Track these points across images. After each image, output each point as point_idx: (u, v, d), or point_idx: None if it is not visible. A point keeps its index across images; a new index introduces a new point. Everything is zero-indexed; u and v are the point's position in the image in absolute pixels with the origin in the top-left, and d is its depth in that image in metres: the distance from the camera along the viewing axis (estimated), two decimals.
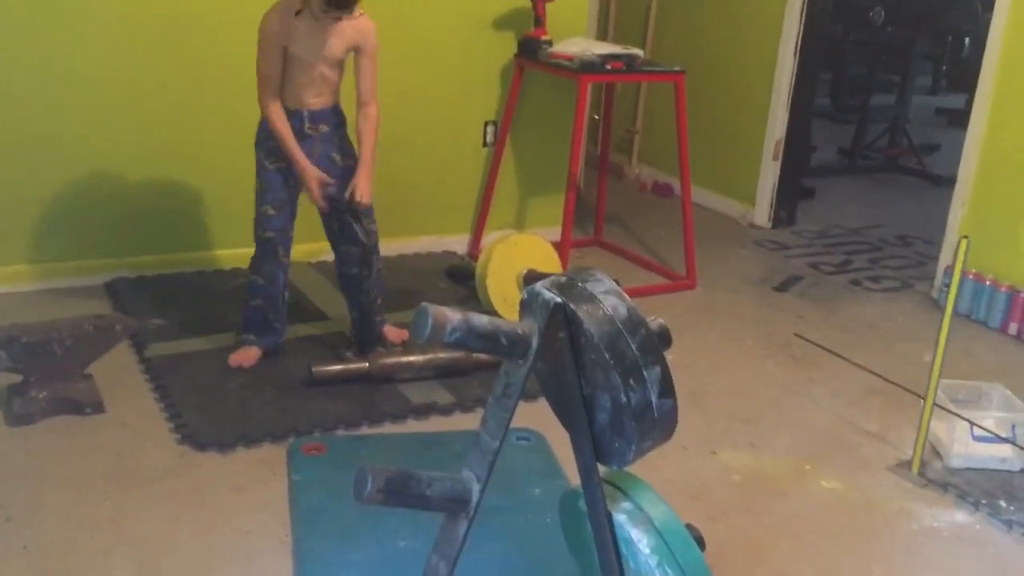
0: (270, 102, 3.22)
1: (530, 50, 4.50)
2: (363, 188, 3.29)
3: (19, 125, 3.79)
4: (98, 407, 3.04)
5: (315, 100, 3.27)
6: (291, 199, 3.38)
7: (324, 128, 3.33)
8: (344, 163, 3.37)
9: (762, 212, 5.62)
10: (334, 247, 3.50)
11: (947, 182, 5.21)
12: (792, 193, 5.70)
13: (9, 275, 3.88)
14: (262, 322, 3.44)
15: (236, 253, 4.26)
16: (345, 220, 3.37)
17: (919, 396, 3.11)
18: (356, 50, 3.26)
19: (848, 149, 7.30)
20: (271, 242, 3.35)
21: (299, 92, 3.24)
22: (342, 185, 3.32)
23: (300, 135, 3.27)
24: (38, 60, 3.77)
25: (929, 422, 3.01)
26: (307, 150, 3.28)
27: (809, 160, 6.40)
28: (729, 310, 4.35)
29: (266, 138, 3.30)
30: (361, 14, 3.20)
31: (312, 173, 3.26)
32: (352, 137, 3.39)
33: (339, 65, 3.29)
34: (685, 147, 4.49)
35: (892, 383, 3.45)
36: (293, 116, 3.26)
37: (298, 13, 3.12)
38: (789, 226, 5.66)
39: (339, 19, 3.14)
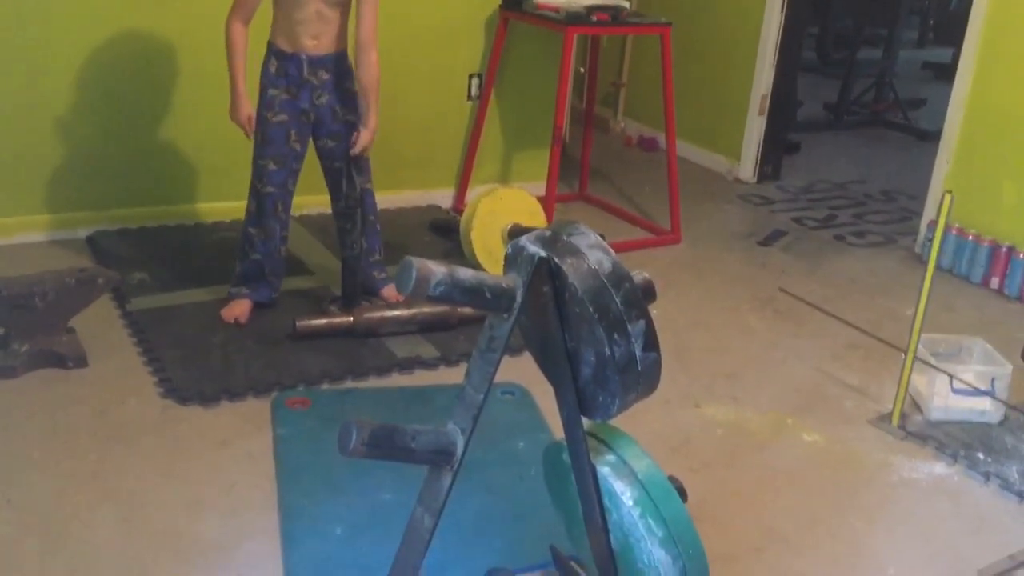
0: (236, 23, 3.12)
1: (515, 1, 4.45)
2: (365, 142, 3.26)
3: None
4: (81, 361, 3.03)
5: (312, 43, 3.15)
6: (294, 154, 3.27)
7: (325, 76, 3.21)
8: (345, 117, 3.29)
9: (747, 167, 5.61)
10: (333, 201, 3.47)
11: (932, 137, 5.20)
12: (777, 148, 5.69)
13: None
14: (258, 276, 3.40)
15: (218, 207, 4.23)
16: (339, 175, 3.33)
17: (900, 350, 3.13)
18: None
19: (834, 104, 7.28)
20: (270, 197, 3.28)
21: (295, 31, 3.12)
22: (342, 140, 3.28)
23: (299, 82, 3.18)
24: (14, 12, 3.70)
25: (910, 376, 3.04)
26: (309, 99, 3.21)
27: (795, 115, 6.38)
28: (713, 265, 4.36)
29: (266, 86, 3.21)
30: None
31: (243, 113, 3.18)
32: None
33: (339, 6, 3.15)
34: (671, 101, 4.47)
35: (874, 337, 3.47)
36: (290, 60, 3.16)
37: None
38: (774, 181, 5.65)
39: None
